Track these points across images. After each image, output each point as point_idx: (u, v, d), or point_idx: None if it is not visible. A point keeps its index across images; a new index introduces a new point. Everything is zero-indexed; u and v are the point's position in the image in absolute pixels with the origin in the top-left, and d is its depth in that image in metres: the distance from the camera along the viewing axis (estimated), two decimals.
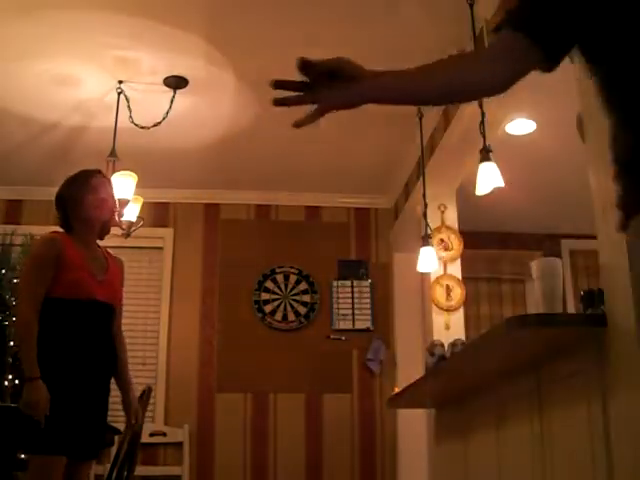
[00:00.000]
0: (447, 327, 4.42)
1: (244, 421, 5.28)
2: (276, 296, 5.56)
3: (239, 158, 5.15)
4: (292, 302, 5.56)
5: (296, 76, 1.20)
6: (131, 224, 4.13)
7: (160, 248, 5.61)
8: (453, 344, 3.14)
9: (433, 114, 4.34)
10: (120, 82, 4.14)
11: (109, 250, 2.86)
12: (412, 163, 4.98)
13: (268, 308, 5.52)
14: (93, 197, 2.66)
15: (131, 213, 4.12)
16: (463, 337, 4.11)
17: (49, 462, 2.31)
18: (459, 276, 4.56)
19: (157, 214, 5.61)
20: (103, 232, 2.76)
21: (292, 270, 5.62)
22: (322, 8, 3.48)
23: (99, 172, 2.78)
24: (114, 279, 2.71)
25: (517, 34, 1.19)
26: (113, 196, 2.86)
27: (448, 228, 4.62)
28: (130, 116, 4.25)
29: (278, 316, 5.50)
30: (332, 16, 3.53)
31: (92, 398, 2.50)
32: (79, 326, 2.51)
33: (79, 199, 2.65)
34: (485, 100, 3.08)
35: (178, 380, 5.29)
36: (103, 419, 2.60)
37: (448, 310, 4.46)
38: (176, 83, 4.12)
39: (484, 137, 3.08)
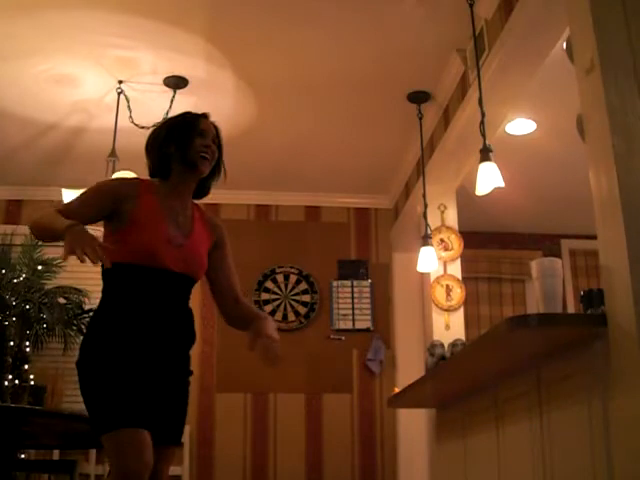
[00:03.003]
0: (447, 327, 4.42)
1: (244, 421, 5.28)
2: (276, 296, 5.56)
3: (239, 158, 5.12)
4: (292, 302, 5.56)
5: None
6: None
7: None
8: (453, 344, 3.14)
9: (433, 114, 4.34)
10: (120, 82, 4.14)
11: None
12: (412, 163, 4.98)
13: (268, 308, 5.52)
14: (201, 142, 2.29)
15: None
16: (463, 337, 4.12)
17: (117, 438, 1.98)
18: (459, 276, 4.56)
19: None
20: (202, 190, 2.46)
21: (292, 270, 5.62)
22: (322, 9, 3.47)
23: (207, 116, 2.38)
24: (197, 245, 2.33)
25: None
26: (216, 149, 2.38)
27: (448, 228, 4.62)
28: (130, 116, 4.25)
29: (278, 316, 5.49)
30: (332, 16, 3.52)
31: (161, 377, 2.15)
32: (146, 298, 2.13)
33: (185, 141, 2.28)
34: (485, 100, 3.08)
35: None
36: (178, 401, 2.25)
37: (448, 310, 4.47)
38: (176, 83, 4.12)
39: (484, 137, 3.08)
